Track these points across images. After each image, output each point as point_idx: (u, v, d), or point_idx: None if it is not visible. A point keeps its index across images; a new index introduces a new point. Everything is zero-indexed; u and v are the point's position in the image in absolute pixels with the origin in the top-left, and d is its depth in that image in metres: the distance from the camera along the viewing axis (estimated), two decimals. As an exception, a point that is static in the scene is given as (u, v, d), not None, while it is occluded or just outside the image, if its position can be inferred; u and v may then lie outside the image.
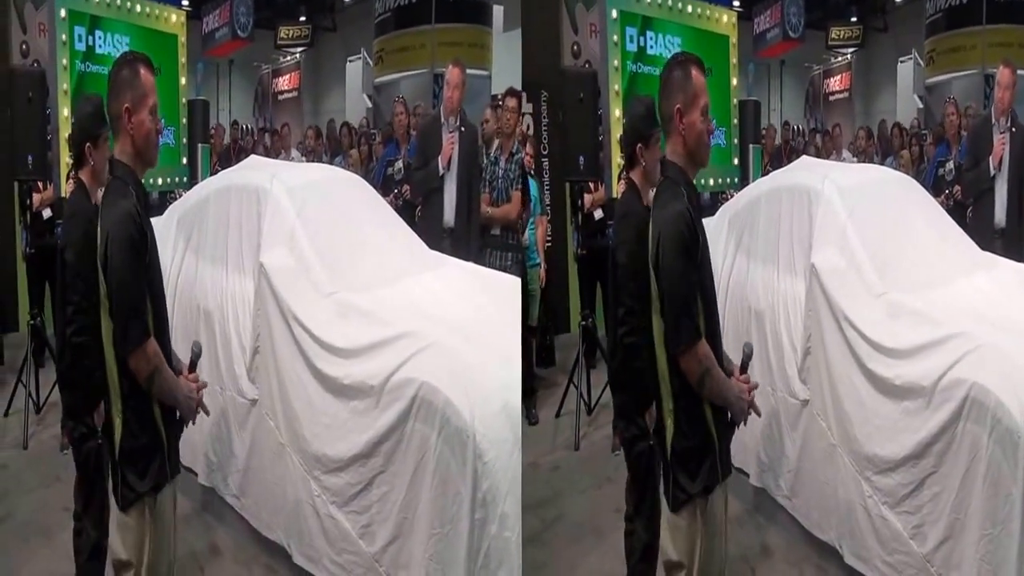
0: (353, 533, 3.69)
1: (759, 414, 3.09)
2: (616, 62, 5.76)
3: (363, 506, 3.65)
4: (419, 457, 3.48)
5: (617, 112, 5.68)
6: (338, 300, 4.13)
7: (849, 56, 11.98)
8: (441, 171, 6.15)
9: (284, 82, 11.91)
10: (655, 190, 2.96)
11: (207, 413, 3.20)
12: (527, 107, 7.52)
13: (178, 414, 3.08)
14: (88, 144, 3.47)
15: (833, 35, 11.90)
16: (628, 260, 3.35)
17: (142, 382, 2.87)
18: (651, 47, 6.05)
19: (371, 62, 9.91)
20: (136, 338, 2.83)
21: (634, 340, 3.31)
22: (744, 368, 3.02)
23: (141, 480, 2.94)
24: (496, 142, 6.22)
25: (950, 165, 7.33)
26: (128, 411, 2.91)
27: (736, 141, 6.92)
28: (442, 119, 6.23)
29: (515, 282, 4.82)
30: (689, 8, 6.36)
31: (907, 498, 3.59)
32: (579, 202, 6.17)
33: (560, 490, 5.06)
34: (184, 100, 7.28)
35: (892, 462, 3.65)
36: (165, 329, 3.05)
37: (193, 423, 3.14)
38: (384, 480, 3.59)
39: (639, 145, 3.48)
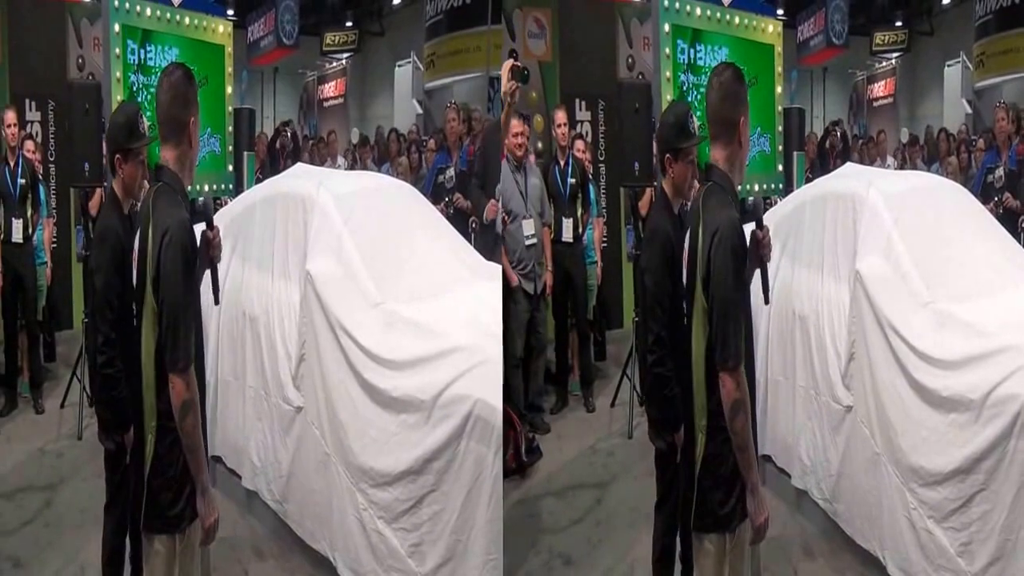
0: (402, 551, 3.61)
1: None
2: (668, 73, 6.02)
3: (413, 524, 3.57)
4: (474, 477, 3.40)
5: (668, 121, 5.91)
6: (386, 310, 4.05)
7: (894, 61, 11.84)
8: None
9: (330, 89, 11.93)
10: (701, 194, 2.84)
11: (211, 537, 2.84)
12: (586, 115, 7.93)
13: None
14: (118, 156, 3.38)
15: (877, 40, 11.77)
16: (655, 287, 3.25)
17: (176, 407, 2.67)
18: (700, 59, 6.21)
19: (421, 66, 9.83)
20: (184, 357, 2.68)
21: (662, 371, 3.23)
22: (759, 223, 2.84)
23: (172, 506, 2.75)
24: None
25: (1000, 172, 7.19)
26: (161, 431, 2.73)
27: (780, 148, 6.98)
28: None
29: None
30: (736, 20, 6.57)
31: (954, 514, 3.53)
32: (634, 205, 6.38)
33: (615, 474, 5.31)
34: (230, 109, 7.42)
35: (939, 475, 3.60)
36: (201, 347, 2.88)
37: (206, 535, 2.81)
38: (435, 499, 3.51)
39: (668, 156, 3.39)
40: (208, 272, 2.88)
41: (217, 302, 2.91)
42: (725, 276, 2.66)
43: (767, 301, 2.87)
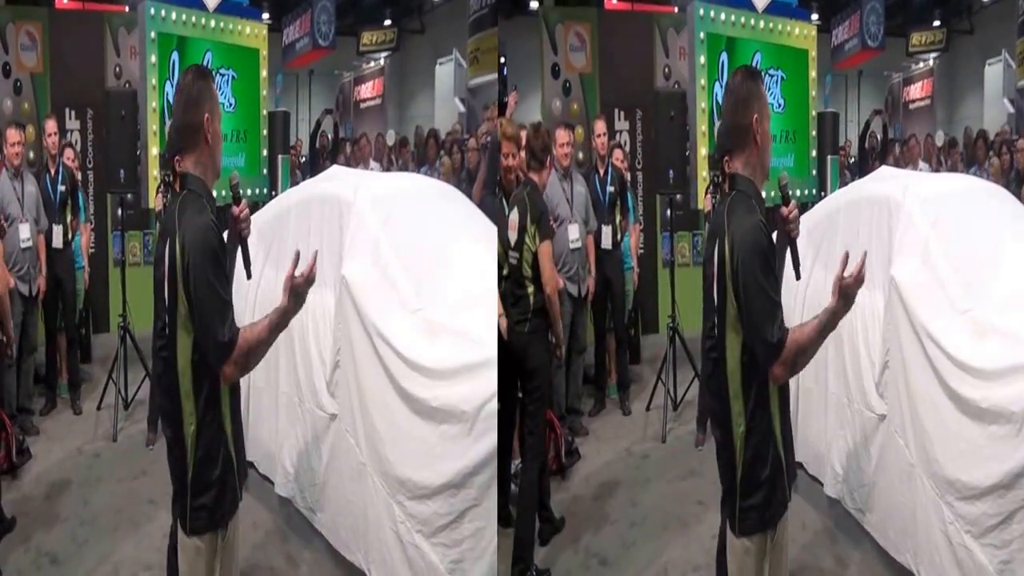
0: (441, 567, 3.52)
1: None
2: (703, 82, 6.15)
3: (453, 540, 3.49)
4: None
5: (703, 128, 6.09)
6: (426, 318, 3.93)
7: (931, 62, 11.65)
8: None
9: (366, 90, 11.85)
10: (726, 205, 2.86)
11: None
12: (624, 124, 8.18)
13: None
14: (178, 157, 3.47)
15: (914, 41, 11.60)
16: (712, 276, 3.33)
17: (246, 372, 2.80)
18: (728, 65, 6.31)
19: (464, 63, 9.71)
20: (223, 353, 2.74)
21: (717, 356, 3.29)
22: (786, 199, 2.88)
23: (216, 506, 2.82)
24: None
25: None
26: (200, 431, 2.80)
27: (814, 153, 7.01)
28: None
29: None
30: (770, 25, 6.68)
31: (994, 530, 3.45)
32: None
33: (649, 477, 5.42)
34: (264, 112, 7.49)
35: (977, 490, 3.52)
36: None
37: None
38: (478, 515, 3.42)
39: (726, 159, 3.47)
40: (239, 250, 2.91)
41: (249, 276, 2.93)
42: (755, 280, 2.70)
43: (798, 277, 2.89)
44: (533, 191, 4.48)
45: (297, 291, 2.82)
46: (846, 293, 2.74)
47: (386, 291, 4.09)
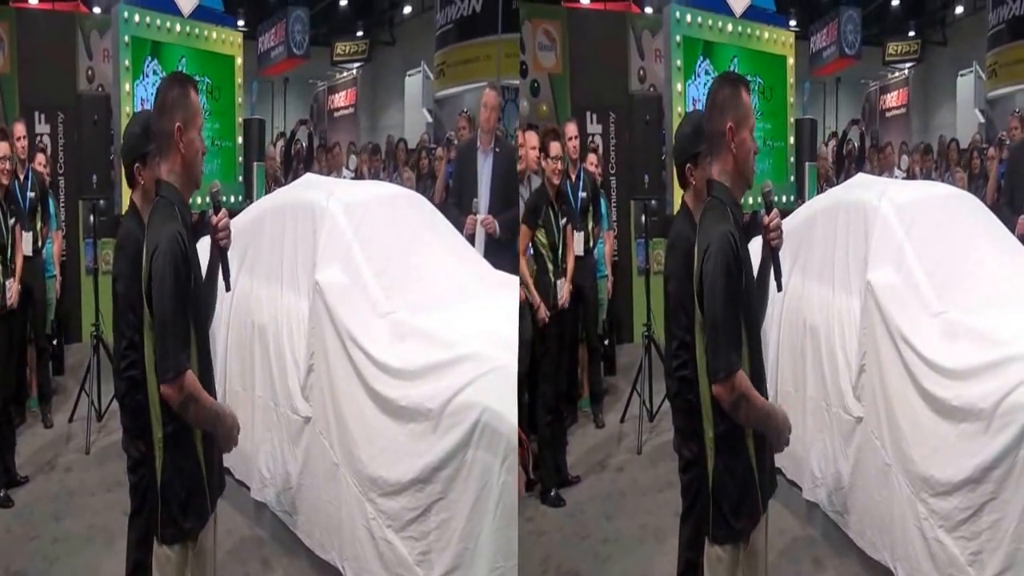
0: (410, 559, 3.58)
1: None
2: (679, 86, 6.12)
3: (421, 532, 3.55)
4: (481, 485, 3.38)
5: (679, 133, 6.06)
6: (396, 320, 4.05)
7: (906, 71, 11.82)
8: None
9: (340, 99, 11.96)
10: (702, 210, 2.84)
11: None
12: (597, 128, 8.09)
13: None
14: (137, 164, 3.39)
15: (890, 50, 11.78)
16: (676, 291, 3.24)
17: (176, 411, 2.72)
18: (712, 71, 6.31)
19: (432, 76, 9.83)
20: (172, 367, 2.67)
21: (686, 374, 3.22)
22: (768, 208, 2.89)
23: (184, 517, 2.80)
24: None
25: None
26: (169, 442, 2.78)
27: (792, 159, 7.02)
28: (478, 143, 6.18)
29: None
30: (748, 31, 6.69)
31: (965, 523, 3.50)
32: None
33: (624, 491, 5.33)
34: (239, 120, 7.46)
35: (949, 485, 3.56)
36: (208, 357, 2.88)
37: (228, 451, 2.97)
38: (443, 507, 3.48)
39: (688, 165, 3.39)
40: (219, 260, 2.89)
41: (228, 288, 2.92)
42: (714, 289, 2.66)
43: (780, 288, 2.87)
44: None
45: None
46: None
47: (358, 296, 4.17)
